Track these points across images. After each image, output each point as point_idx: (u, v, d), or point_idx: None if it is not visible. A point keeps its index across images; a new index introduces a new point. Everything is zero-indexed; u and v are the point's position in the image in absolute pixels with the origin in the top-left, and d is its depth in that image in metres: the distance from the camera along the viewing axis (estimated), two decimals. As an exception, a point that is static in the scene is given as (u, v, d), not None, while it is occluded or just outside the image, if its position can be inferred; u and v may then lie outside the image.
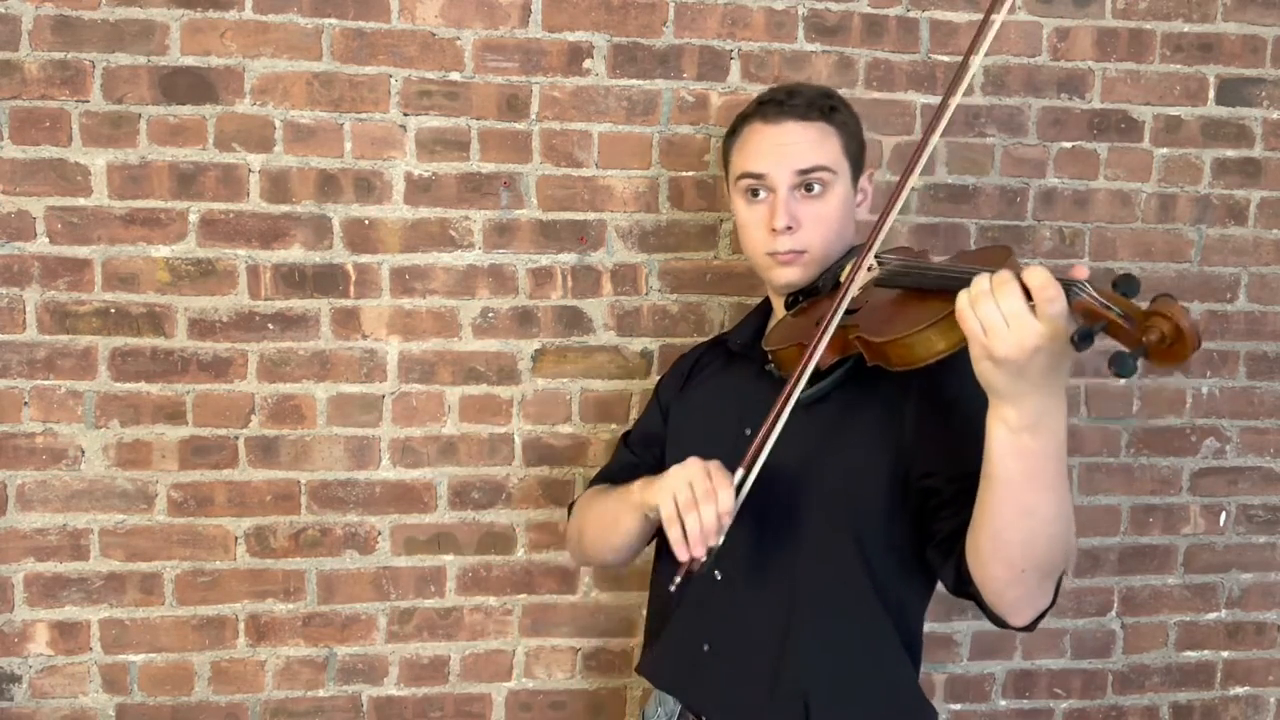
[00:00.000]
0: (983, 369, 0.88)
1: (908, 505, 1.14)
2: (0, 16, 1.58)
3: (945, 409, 0.93)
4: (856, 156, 1.29)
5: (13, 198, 1.61)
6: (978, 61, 1.13)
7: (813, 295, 1.26)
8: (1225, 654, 1.99)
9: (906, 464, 1.14)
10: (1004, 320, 0.84)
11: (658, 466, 1.43)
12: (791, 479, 1.17)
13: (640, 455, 1.46)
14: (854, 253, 1.25)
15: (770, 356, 1.22)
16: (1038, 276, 0.83)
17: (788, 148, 1.24)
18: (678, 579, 1.06)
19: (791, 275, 1.26)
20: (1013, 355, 0.84)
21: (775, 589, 1.20)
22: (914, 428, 1.13)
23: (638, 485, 1.21)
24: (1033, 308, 0.84)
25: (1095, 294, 0.83)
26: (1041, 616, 1.05)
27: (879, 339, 1.02)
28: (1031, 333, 0.83)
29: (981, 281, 0.87)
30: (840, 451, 1.18)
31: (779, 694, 1.19)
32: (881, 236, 1.14)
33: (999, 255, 1.01)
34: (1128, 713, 1.98)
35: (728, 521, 1.04)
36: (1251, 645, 2.00)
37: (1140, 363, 0.78)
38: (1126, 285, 0.83)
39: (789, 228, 1.22)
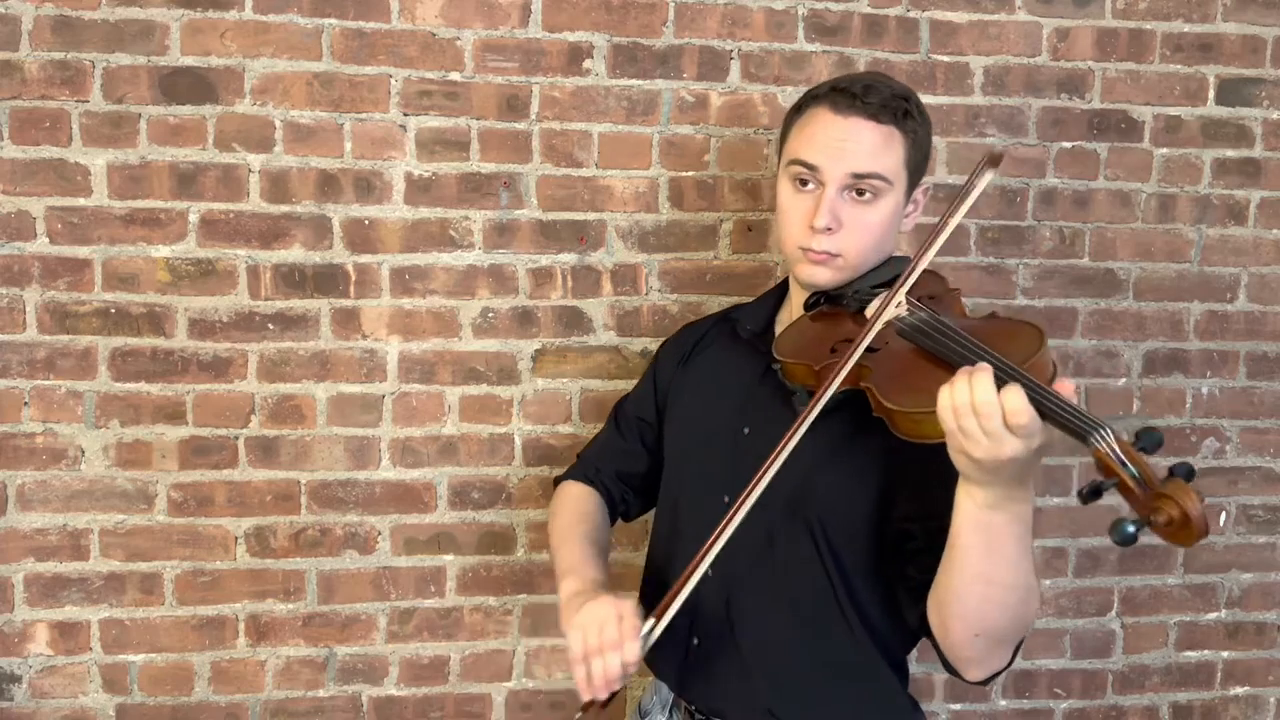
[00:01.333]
0: (958, 459, 0.89)
1: (888, 539, 1.14)
2: (0, 16, 1.58)
3: (934, 460, 0.94)
4: (917, 168, 1.22)
5: (13, 198, 1.61)
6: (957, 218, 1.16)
7: (836, 301, 1.22)
8: (1225, 654, 1.99)
9: (893, 499, 1.13)
10: (982, 434, 0.85)
11: (645, 451, 1.43)
12: (782, 489, 1.16)
13: (626, 437, 1.45)
14: (887, 265, 1.22)
15: (779, 363, 1.18)
16: (1013, 401, 0.83)
17: (848, 145, 1.16)
18: (579, 715, 1.09)
19: (820, 276, 1.20)
20: (987, 460, 0.86)
21: (758, 594, 1.20)
22: (905, 466, 1.12)
23: (566, 587, 1.20)
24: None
25: (1115, 446, 0.82)
26: (995, 675, 1.06)
27: (889, 404, 1.00)
28: (1008, 447, 0.84)
29: (961, 393, 0.87)
30: (832, 470, 1.17)
31: (754, 701, 1.19)
32: (912, 279, 1.12)
33: (1029, 342, 0.96)
34: (1128, 713, 1.98)
35: (632, 670, 1.06)
36: (1251, 645, 2.00)
37: (1141, 531, 0.77)
38: (1148, 440, 0.82)
39: (829, 229, 1.16)
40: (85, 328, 1.65)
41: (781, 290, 1.37)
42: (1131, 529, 0.77)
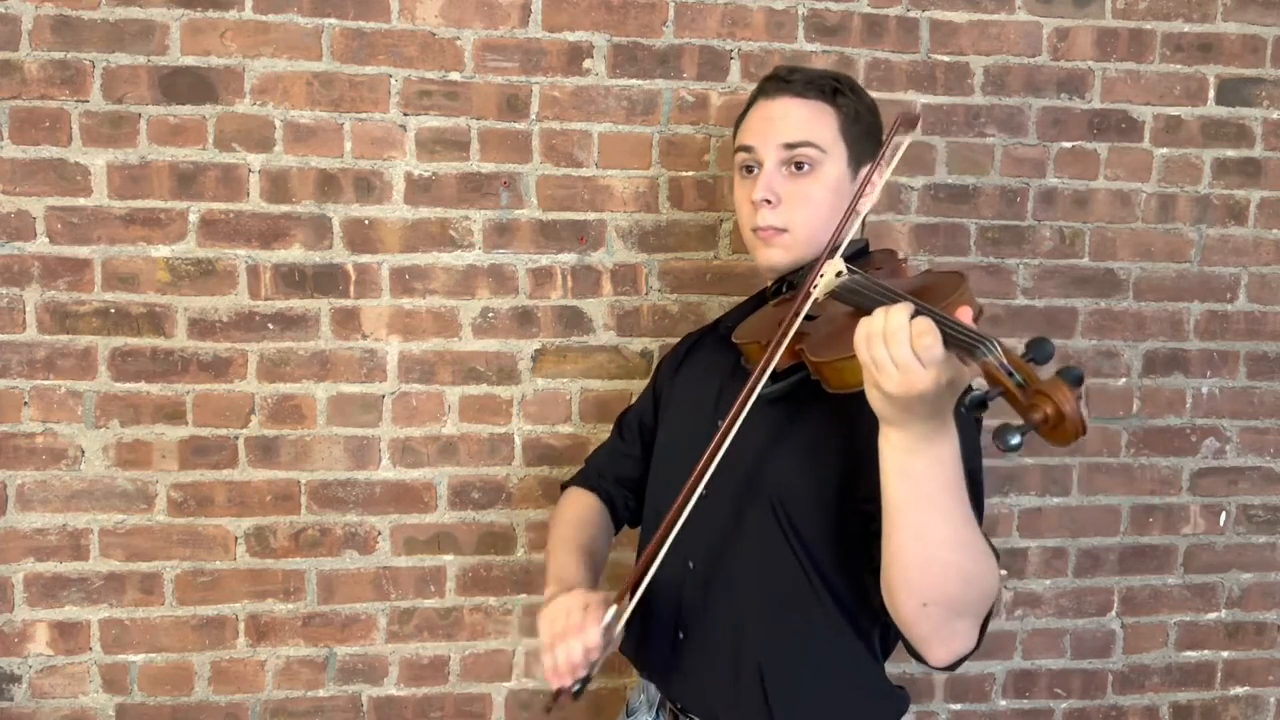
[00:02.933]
0: (872, 395, 0.90)
1: (852, 523, 1.14)
2: (0, 16, 1.58)
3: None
4: (858, 142, 1.24)
5: (13, 198, 1.61)
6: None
7: (796, 287, 1.22)
8: (1225, 654, 1.99)
9: (853, 482, 1.13)
10: (892, 362, 0.86)
11: (644, 455, 1.44)
12: (744, 471, 1.18)
13: (628, 441, 1.47)
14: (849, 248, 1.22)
15: (740, 350, 1.21)
16: (919, 325, 0.85)
17: (776, 121, 1.22)
18: (550, 704, 1.12)
19: (773, 256, 1.24)
20: (899, 393, 0.86)
21: (733, 581, 1.21)
22: (865, 445, 1.09)
23: (548, 593, 1.23)
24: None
25: (1001, 357, 0.82)
26: (963, 659, 1.04)
27: (815, 359, 1.02)
28: (918, 377, 0.85)
29: (876, 320, 0.88)
30: (786, 452, 1.18)
31: (741, 687, 1.19)
32: (843, 245, 1.13)
33: (949, 285, 0.99)
34: (1128, 713, 1.98)
35: (596, 656, 1.08)
36: (1251, 645, 2.00)
37: (1025, 438, 0.77)
38: (1037, 351, 0.82)
39: (768, 201, 1.20)
40: (85, 328, 1.65)
41: (761, 294, 1.39)
42: (1015, 438, 0.77)
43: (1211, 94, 1.87)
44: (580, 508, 1.42)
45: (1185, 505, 1.94)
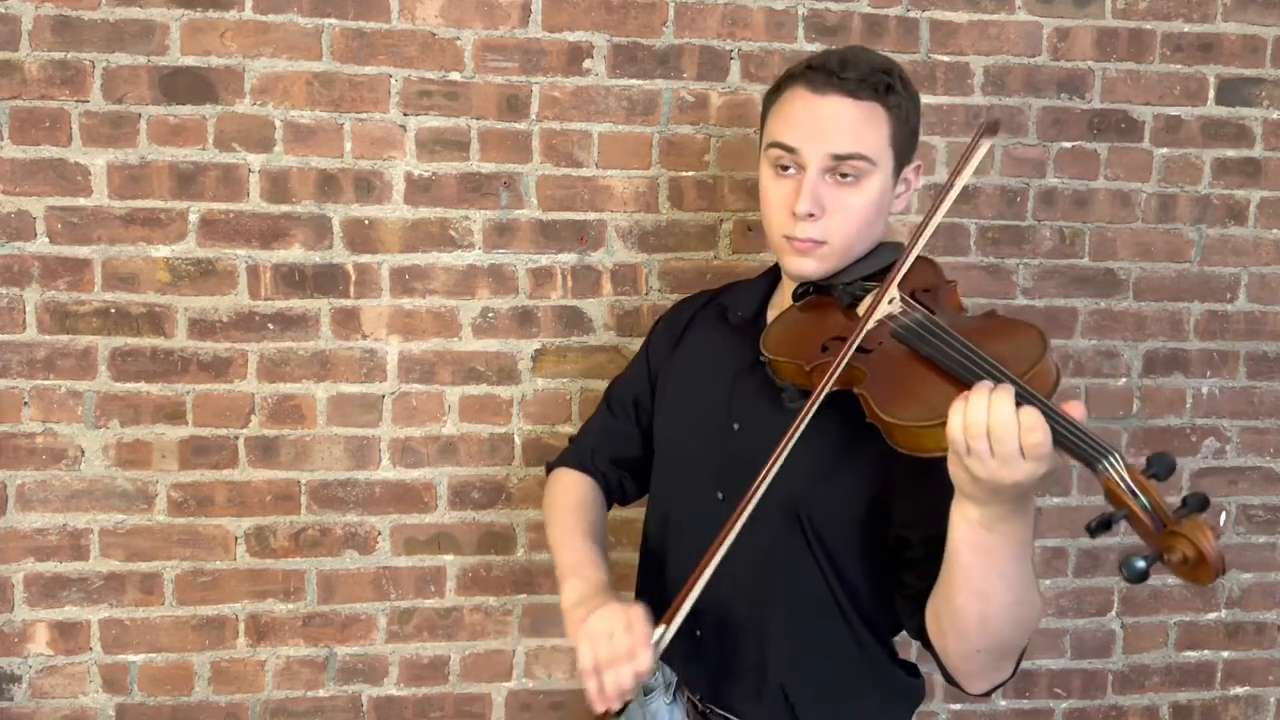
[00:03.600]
0: (957, 474, 0.86)
1: (884, 543, 1.12)
2: (0, 16, 1.58)
3: (931, 467, 0.90)
4: (904, 145, 1.16)
5: (13, 198, 1.61)
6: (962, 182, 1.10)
7: (825, 292, 1.17)
8: (1225, 654, 1.99)
9: (889, 504, 1.11)
10: (991, 454, 0.82)
11: (639, 435, 1.38)
12: (773, 485, 1.12)
13: (620, 418, 1.40)
14: (878, 252, 1.18)
15: (766, 358, 1.14)
16: (1029, 418, 0.81)
17: (827, 125, 1.11)
18: None
19: (806, 266, 1.16)
20: (990, 481, 0.83)
21: (754, 591, 1.19)
22: (903, 471, 1.05)
23: (571, 591, 1.16)
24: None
25: (1124, 475, 0.78)
26: (998, 687, 1.04)
27: (886, 417, 0.94)
28: (1016, 469, 0.81)
29: (978, 412, 0.82)
30: (825, 468, 1.14)
31: (765, 696, 1.19)
32: (902, 273, 1.07)
33: (1031, 347, 0.92)
34: (1128, 713, 1.98)
35: (645, 679, 1.02)
36: (1251, 645, 2.00)
37: (1153, 567, 0.74)
38: (1159, 466, 0.78)
39: (811, 214, 1.11)
40: (85, 328, 1.65)
41: (775, 274, 1.33)
42: (1143, 564, 0.73)
43: (1211, 94, 1.87)
44: (578, 490, 1.36)
45: (1185, 505, 1.94)
